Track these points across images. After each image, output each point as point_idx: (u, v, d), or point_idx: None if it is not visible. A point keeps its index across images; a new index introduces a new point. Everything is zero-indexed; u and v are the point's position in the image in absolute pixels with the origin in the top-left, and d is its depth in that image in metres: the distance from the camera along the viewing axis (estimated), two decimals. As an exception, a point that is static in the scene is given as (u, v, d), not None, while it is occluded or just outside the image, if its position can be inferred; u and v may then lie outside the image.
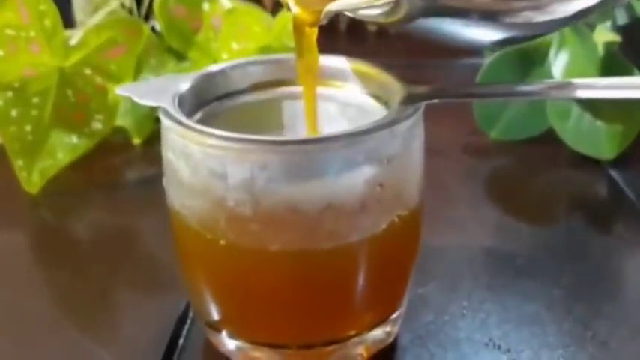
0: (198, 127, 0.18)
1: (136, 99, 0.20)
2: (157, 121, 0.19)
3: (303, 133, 0.22)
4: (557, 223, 0.29)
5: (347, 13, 0.17)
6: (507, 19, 0.15)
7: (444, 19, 0.15)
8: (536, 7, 0.15)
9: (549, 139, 0.33)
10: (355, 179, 0.17)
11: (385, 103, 0.21)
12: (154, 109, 0.34)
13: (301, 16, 0.19)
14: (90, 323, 0.24)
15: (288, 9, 0.19)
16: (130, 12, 0.38)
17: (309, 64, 0.20)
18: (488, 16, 0.15)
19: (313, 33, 0.19)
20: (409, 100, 0.19)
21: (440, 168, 0.32)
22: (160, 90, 0.20)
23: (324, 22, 0.18)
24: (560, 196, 0.31)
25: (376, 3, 0.15)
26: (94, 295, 0.25)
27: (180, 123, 0.18)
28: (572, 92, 0.20)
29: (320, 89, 0.22)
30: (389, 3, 0.15)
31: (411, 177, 0.19)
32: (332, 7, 0.18)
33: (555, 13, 0.15)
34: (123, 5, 0.38)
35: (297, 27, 0.19)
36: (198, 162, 0.18)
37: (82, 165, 0.32)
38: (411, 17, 0.15)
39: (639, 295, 0.25)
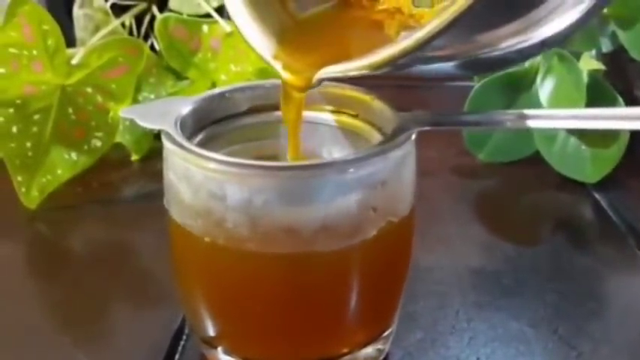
0: (200, 150, 0.18)
1: (139, 122, 0.20)
2: (156, 138, 0.19)
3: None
4: (542, 243, 0.30)
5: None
6: (480, 57, 0.16)
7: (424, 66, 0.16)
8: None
9: (536, 161, 0.34)
10: (349, 203, 0.18)
11: (379, 129, 0.22)
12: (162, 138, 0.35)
13: (291, 81, 0.19)
14: (85, 338, 0.24)
15: (277, 73, 0.20)
16: (130, 31, 0.39)
17: (294, 124, 0.20)
18: (464, 60, 0.16)
19: (301, 97, 0.20)
20: (402, 127, 0.20)
21: (429, 188, 0.33)
22: (162, 113, 0.20)
23: (315, 87, 0.19)
24: (546, 217, 0.32)
25: (365, 71, 0.16)
26: (89, 310, 0.25)
27: (182, 146, 0.19)
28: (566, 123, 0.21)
29: (315, 114, 0.23)
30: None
31: (404, 198, 0.20)
32: (322, 75, 0.18)
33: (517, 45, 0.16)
34: (123, 25, 0.39)
35: (286, 91, 0.20)
36: (199, 184, 0.18)
37: (80, 180, 0.33)
38: (395, 69, 0.16)
39: (623, 314, 0.25)
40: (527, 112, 0.20)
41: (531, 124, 0.20)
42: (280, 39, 0.20)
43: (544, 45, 0.17)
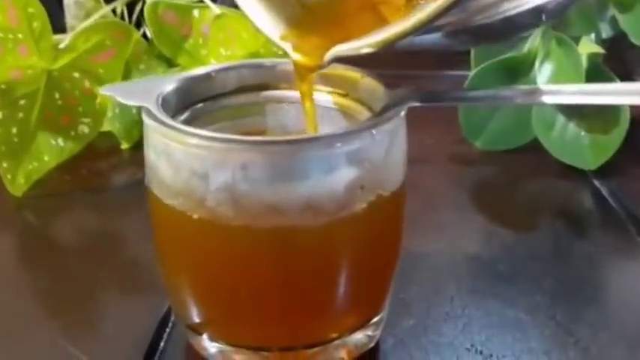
0: (180, 126, 0.18)
1: (120, 99, 0.20)
2: None
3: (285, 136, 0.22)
4: (540, 230, 0.29)
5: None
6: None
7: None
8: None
9: (534, 148, 0.33)
10: (336, 181, 0.17)
11: (369, 107, 0.21)
12: (142, 114, 0.35)
13: (302, 62, 0.19)
14: (71, 326, 0.23)
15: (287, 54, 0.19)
16: (122, 18, 0.39)
17: (308, 100, 0.20)
18: (458, 28, 0.15)
19: (313, 76, 0.20)
20: (391, 103, 0.19)
21: (425, 176, 0.32)
22: (144, 91, 0.20)
23: (326, 67, 0.19)
24: (545, 204, 0.31)
25: (376, 48, 0.16)
26: (76, 298, 0.25)
27: (162, 122, 0.18)
28: (554, 98, 0.20)
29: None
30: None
31: (393, 173, 0.19)
32: (333, 54, 0.18)
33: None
34: (114, 12, 0.38)
35: (299, 72, 0.20)
36: (180, 162, 0.18)
37: (68, 168, 0.32)
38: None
39: (621, 301, 0.25)
40: (519, 87, 0.20)
41: (523, 100, 0.20)
42: (289, 22, 0.20)
43: (540, 13, 0.16)
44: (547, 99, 0.21)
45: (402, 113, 0.19)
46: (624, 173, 0.33)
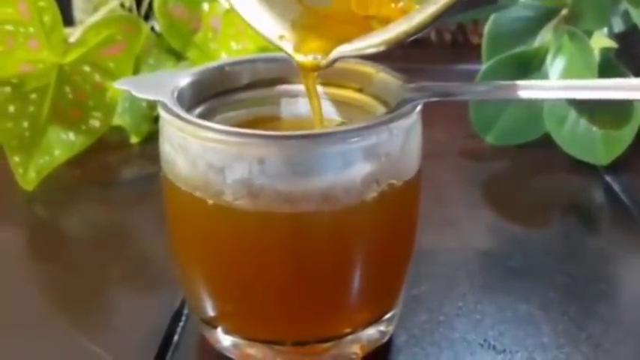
0: (198, 120, 0.18)
1: (135, 93, 0.20)
2: (156, 121, 0.19)
3: (300, 130, 0.22)
4: (552, 226, 0.29)
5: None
6: None
7: None
8: None
9: (546, 144, 0.33)
10: (353, 175, 0.17)
11: (384, 102, 0.21)
12: (152, 109, 0.35)
13: (303, 63, 0.19)
14: (84, 320, 0.23)
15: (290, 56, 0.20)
16: (130, 12, 0.39)
17: (312, 93, 0.20)
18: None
19: (315, 74, 0.20)
20: (407, 98, 0.19)
21: (436, 171, 0.32)
22: (158, 84, 0.20)
23: (327, 67, 0.19)
24: (556, 200, 0.31)
25: (379, 48, 0.17)
26: (88, 292, 0.25)
27: (179, 116, 0.18)
28: (566, 93, 0.20)
29: (319, 89, 0.22)
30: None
31: (408, 167, 0.19)
32: (336, 55, 0.18)
33: None
34: (122, 5, 0.38)
35: (303, 71, 0.20)
36: (197, 156, 0.18)
37: (78, 162, 0.32)
38: None
39: (633, 296, 0.25)
40: (537, 82, 0.20)
41: (542, 94, 0.19)
42: (291, 23, 0.20)
43: None
44: (559, 94, 0.20)
45: (418, 108, 0.19)
46: (636, 168, 0.33)
